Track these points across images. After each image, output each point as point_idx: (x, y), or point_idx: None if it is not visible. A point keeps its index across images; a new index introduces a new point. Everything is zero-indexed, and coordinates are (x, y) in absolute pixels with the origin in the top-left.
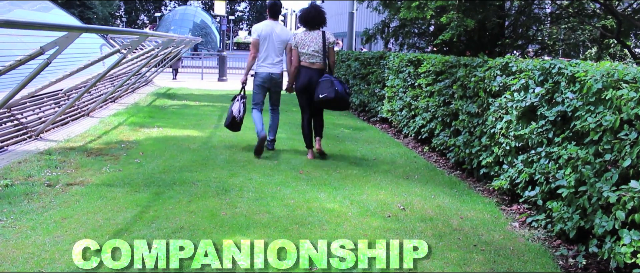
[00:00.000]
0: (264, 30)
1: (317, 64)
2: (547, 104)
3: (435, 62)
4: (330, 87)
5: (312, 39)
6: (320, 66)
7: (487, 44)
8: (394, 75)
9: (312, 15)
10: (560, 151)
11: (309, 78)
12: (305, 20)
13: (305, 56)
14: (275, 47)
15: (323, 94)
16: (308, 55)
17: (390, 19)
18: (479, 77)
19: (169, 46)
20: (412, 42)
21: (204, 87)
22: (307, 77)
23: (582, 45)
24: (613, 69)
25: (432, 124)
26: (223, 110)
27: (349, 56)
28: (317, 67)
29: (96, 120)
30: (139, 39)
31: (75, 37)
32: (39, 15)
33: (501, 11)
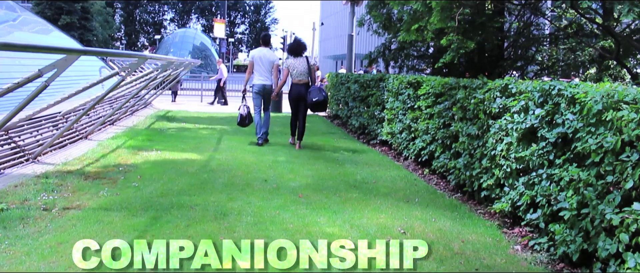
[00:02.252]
0: (257, 54)
1: (304, 80)
2: (548, 126)
3: (435, 84)
4: (319, 94)
5: (299, 63)
6: (306, 81)
7: (487, 65)
8: (393, 98)
9: (296, 47)
10: (561, 173)
11: (299, 90)
12: (293, 50)
13: (295, 76)
14: (266, 66)
15: (315, 98)
16: (297, 75)
17: (390, 42)
18: (479, 99)
19: (168, 68)
20: (411, 64)
21: (203, 110)
22: (297, 90)
23: (581, 65)
24: (613, 90)
25: (432, 146)
26: (222, 133)
27: (349, 78)
28: (304, 82)
29: (94, 143)
30: (138, 61)
31: (74, 60)
32: (39, 38)
33: (500, 33)
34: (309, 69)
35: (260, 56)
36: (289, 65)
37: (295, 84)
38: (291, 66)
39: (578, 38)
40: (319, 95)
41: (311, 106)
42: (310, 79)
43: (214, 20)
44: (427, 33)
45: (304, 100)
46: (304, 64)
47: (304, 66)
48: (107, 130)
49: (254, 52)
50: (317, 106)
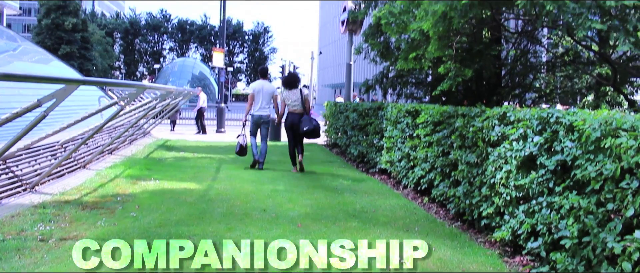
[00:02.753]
0: (257, 87)
1: (298, 109)
2: (547, 153)
3: (433, 112)
4: (310, 123)
5: (293, 94)
6: (300, 111)
7: (485, 92)
8: (392, 126)
9: (290, 80)
10: (561, 201)
11: (293, 119)
12: (288, 83)
13: (290, 105)
14: (265, 98)
15: (306, 127)
16: (292, 105)
17: (388, 70)
18: (477, 127)
19: (167, 98)
20: (409, 91)
21: (201, 139)
22: (291, 118)
23: (578, 92)
24: (611, 117)
25: (432, 175)
26: (221, 162)
27: (347, 107)
28: (298, 111)
29: (92, 173)
30: (137, 91)
31: (73, 90)
32: (38, 68)
33: (498, 60)
34: (302, 100)
35: (260, 88)
36: (285, 97)
37: (290, 113)
38: (286, 97)
39: (575, 65)
40: (309, 124)
41: (304, 135)
42: (304, 109)
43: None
44: (424, 61)
45: (298, 129)
46: (297, 95)
47: (298, 97)
48: (105, 159)
49: (254, 85)
50: (310, 134)
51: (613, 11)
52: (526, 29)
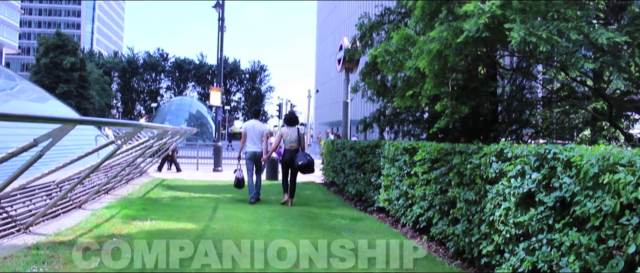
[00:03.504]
0: (249, 126)
1: (295, 146)
2: (545, 190)
3: (431, 149)
4: (304, 157)
5: (291, 132)
6: (296, 147)
7: (482, 129)
8: (389, 164)
9: (290, 119)
10: (562, 238)
11: (290, 154)
12: (288, 121)
13: (287, 142)
14: (256, 136)
15: (301, 161)
16: (289, 142)
17: (385, 107)
18: (475, 164)
19: (164, 137)
20: (407, 129)
21: (198, 178)
22: (289, 154)
23: (575, 128)
24: (608, 153)
25: (430, 213)
26: (218, 201)
27: (344, 145)
28: (294, 148)
29: (88, 213)
30: (134, 130)
31: (70, 129)
32: (35, 106)
33: (493, 97)
34: (299, 137)
35: (251, 127)
36: (283, 133)
37: (288, 150)
38: (285, 134)
39: (570, 100)
40: (304, 159)
41: (299, 169)
42: (300, 146)
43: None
44: (421, 99)
45: (294, 163)
46: (295, 133)
47: (295, 134)
48: (101, 199)
49: (246, 124)
50: (304, 168)
51: (605, 47)
52: (521, 65)
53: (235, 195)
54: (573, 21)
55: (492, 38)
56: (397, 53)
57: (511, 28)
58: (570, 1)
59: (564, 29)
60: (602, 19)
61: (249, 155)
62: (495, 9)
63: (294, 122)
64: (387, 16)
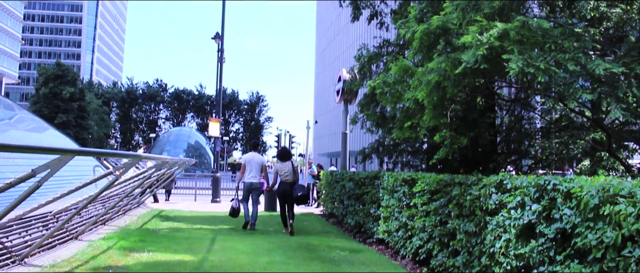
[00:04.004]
0: (248, 158)
1: (289, 179)
2: (546, 221)
3: (430, 181)
4: (302, 189)
5: (285, 166)
6: (291, 180)
7: (481, 159)
8: (388, 195)
9: (283, 154)
10: (563, 270)
11: (285, 188)
12: (281, 156)
13: (283, 176)
14: (255, 167)
15: (300, 193)
16: (284, 175)
17: (383, 138)
18: (475, 195)
19: (163, 168)
20: (406, 160)
21: (196, 209)
22: (283, 187)
23: (574, 158)
24: (608, 184)
25: (430, 244)
26: (216, 233)
27: (343, 176)
28: (289, 181)
29: (85, 244)
30: (132, 161)
31: (68, 160)
32: (33, 136)
33: (492, 128)
34: (293, 170)
35: (250, 159)
36: (278, 168)
37: (283, 182)
38: (279, 169)
39: (569, 131)
40: (302, 190)
41: (297, 200)
42: (294, 178)
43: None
44: (420, 130)
45: (290, 196)
46: (289, 167)
47: (289, 168)
48: (98, 230)
49: (245, 156)
50: (301, 199)
51: (603, 78)
52: (519, 96)
53: (234, 226)
54: (570, 52)
55: (490, 69)
56: (396, 84)
57: (509, 59)
58: (567, 33)
59: (562, 60)
60: (598, 50)
61: (247, 186)
62: (493, 40)
63: (287, 156)
64: (385, 48)
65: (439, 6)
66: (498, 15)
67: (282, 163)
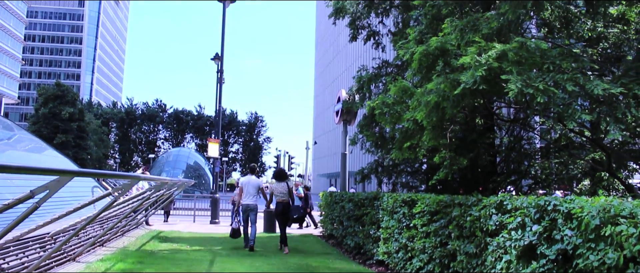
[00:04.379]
0: (245, 181)
1: (285, 199)
2: (546, 242)
3: (430, 202)
4: (298, 211)
5: (281, 186)
6: (286, 200)
7: (481, 180)
8: (388, 216)
9: (279, 175)
10: None
11: (282, 207)
12: (277, 176)
13: (278, 196)
14: (252, 190)
15: (296, 215)
16: (279, 195)
17: (383, 158)
18: (475, 216)
19: (162, 189)
20: (405, 180)
21: (195, 230)
22: (280, 207)
23: (574, 178)
24: (609, 204)
25: (430, 266)
26: (215, 254)
27: (343, 197)
28: (285, 201)
29: (82, 266)
30: (131, 182)
31: (67, 181)
32: (32, 157)
33: (492, 148)
34: (288, 191)
35: (247, 182)
36: (274, 189)
37: (279, 203)
38: (275, 189)
39: (568, 151)
40: (297, 212)
41: (292, 220)
42: (290, 199)
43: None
44: (419, 151)
45: (286, 214)
46: (284, 187)
47: (285, 189)
48: (96, 251)
49: (243, 179)
50: (297, 220)
51: (601, 98)
52: (518, 116)
53: (233, 247)
54: (569, 73)
55: (489, 90)
56: (395, 105)
57: (508, 80)
58: (565, 53)
59: (560, 81)
60: (596, 70)
61: (244, 208)
62: (491, 61)
63: (283, 177)
64: (384, 69)
65: (438, 27)
66: (496, 36)
67: (278, 184)
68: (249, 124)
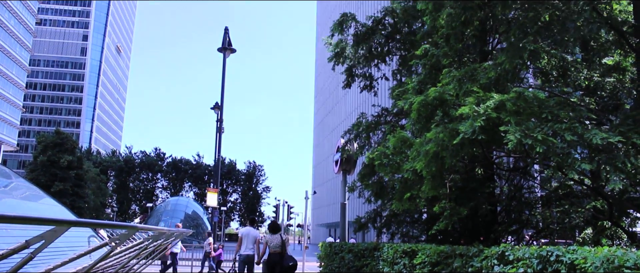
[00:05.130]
0: (244, 232)
1: (278, 250)
2: None
3: (430, 252)
4: (292, 260)
5: (275, 238)
6: (280, 251)
7: (482, 230)
8: (389, 267)
9: (273, 227)
10: None
11: (274, 258)
12: (271, 229)
13: (272, 247)
14: (251, 241)
15: (291, 262)
16: (273, 247)
17: (382, 208)
18: (476, 267)
19: (160, 239)
20: (405, 230)
21: None
22: (272, 258)
23: (576, 227)
24: (612, 255)
25: None
26: None
27: (342, 248)
28: (278, 252)
29: None
30: (128, 232)
31: (63, 231)
32: (28, 205)
33: (492, 197)
34: (282, 243)
35: (247, 233)
36: (268, 240)
37: (272, 254)
38: (269, 241)
39: (569, 200)
40: (292, 261)
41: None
42: (283, 250)
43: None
44: (419, 201)
45: (279, 265)
46: (278, 239)
47: (279, 241)
48: None
49: (242, 230)
50: (291, 268)
51: (600, 147)
52: (518, 165)
53: None
54: (567, 122)
55: (488, 139)
56: (394, 156)
57: (507, 130)
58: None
59: (559, 130)
60: (594, 119)
61: (242, 258)
62: (490, 111)
63: (277, 229)
64: (383, 117)
65: (437, 77)
66: (494, 86)
67: (272, 236)
68: (248, 173)
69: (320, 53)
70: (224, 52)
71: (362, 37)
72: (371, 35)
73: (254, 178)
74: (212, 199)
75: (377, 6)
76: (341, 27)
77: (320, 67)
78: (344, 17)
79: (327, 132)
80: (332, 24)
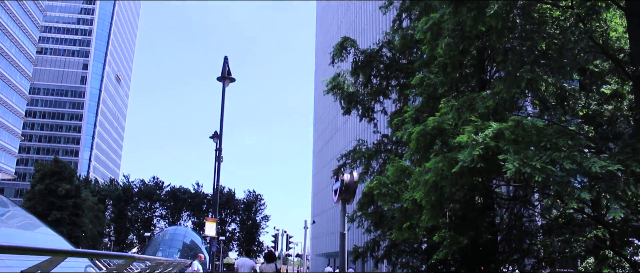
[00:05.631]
0: (241, 262)
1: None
2: None
3: None
4: None
5: (270, 267)
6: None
7: (482, 259)
8: None
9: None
10: None
11: None
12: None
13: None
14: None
15: None
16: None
17: (381, 238)
18: None
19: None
20: (405, 260)
21: None
22: None
23: (578, 256)
24: None
25: None
26: None
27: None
28: None
29: None
30: (125, 262)
31: (60, 262)
32: (25, 234)
33: (492, 227)
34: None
35: (243, 263)
36: (262, 269)
37: None
38: (264, 269)
39: (570, 228)
40: None
41: None
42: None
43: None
44: (419, 230)
45: None
46: (273, 268)
47: (273, 269)
48: None
49: (238, 260)
50: None
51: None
52: (518, 193)
53: None
54: (565, 150)
55: (487, 168)
56: (394, 185)
57: (506, 159)
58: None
59: (557, 159)
60: (593, 147)
61: None
62: (488, 140)
63: (272, 259)
64: (382, 145)
65: (434, 105)
66: (492, 115)
67: (267, 265)
68: (247, 203)
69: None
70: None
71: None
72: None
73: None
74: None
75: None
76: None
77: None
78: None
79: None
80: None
